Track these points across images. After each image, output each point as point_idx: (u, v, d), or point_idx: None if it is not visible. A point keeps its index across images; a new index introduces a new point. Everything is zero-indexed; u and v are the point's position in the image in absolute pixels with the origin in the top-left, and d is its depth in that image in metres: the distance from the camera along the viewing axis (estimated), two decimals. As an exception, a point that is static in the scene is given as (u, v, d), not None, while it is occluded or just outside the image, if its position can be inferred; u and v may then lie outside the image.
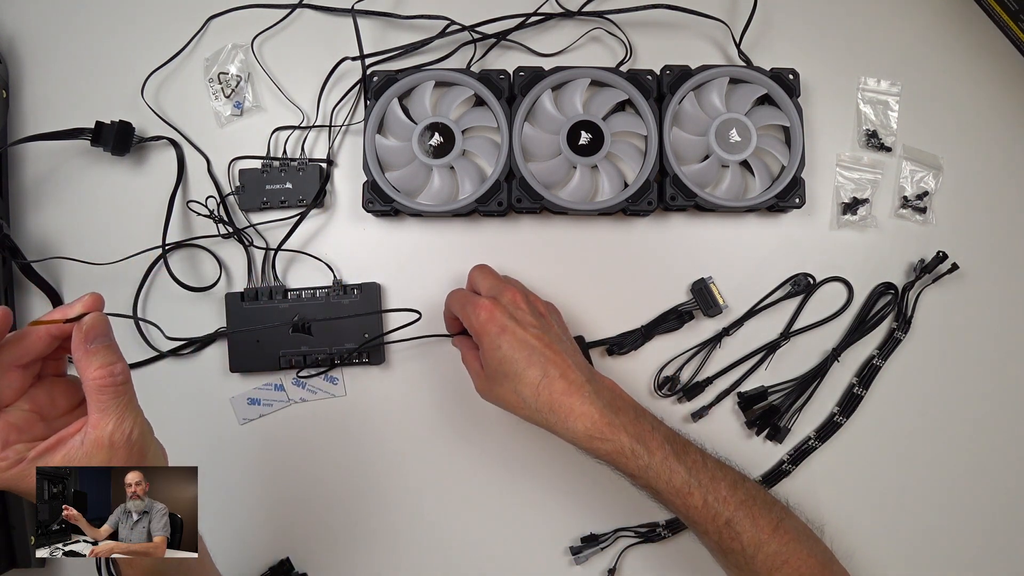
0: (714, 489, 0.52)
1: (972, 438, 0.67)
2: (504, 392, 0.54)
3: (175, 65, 0.68)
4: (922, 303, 0.67)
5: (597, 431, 0.52)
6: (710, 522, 0.52)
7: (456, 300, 0.58)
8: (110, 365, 0.40)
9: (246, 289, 0.65)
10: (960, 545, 0.66)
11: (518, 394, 0.53)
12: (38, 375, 0.44)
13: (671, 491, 0.52)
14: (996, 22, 0.70)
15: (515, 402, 0.54)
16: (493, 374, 0.54)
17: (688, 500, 0.52)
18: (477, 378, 0.57)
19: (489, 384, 0.55)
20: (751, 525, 0.52)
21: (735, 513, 0.52)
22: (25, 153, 0.67)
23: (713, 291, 0.66)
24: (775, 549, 0.51)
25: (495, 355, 0.53)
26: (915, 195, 0.68)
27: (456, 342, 0.61)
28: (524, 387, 0.53)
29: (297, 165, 0.66)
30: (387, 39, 0.68)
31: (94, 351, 0.40)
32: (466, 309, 0.55)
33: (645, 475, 0.52)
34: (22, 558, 0.61)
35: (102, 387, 0.40)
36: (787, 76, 0.65)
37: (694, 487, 0.52)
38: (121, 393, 0.40)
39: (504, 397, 0.54)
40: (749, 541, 0.51)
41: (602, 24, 0.69)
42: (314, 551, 0.65)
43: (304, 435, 0.66)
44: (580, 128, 0.64)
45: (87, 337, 0.40)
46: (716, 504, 0.52)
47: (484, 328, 0.54)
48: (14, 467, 0.40)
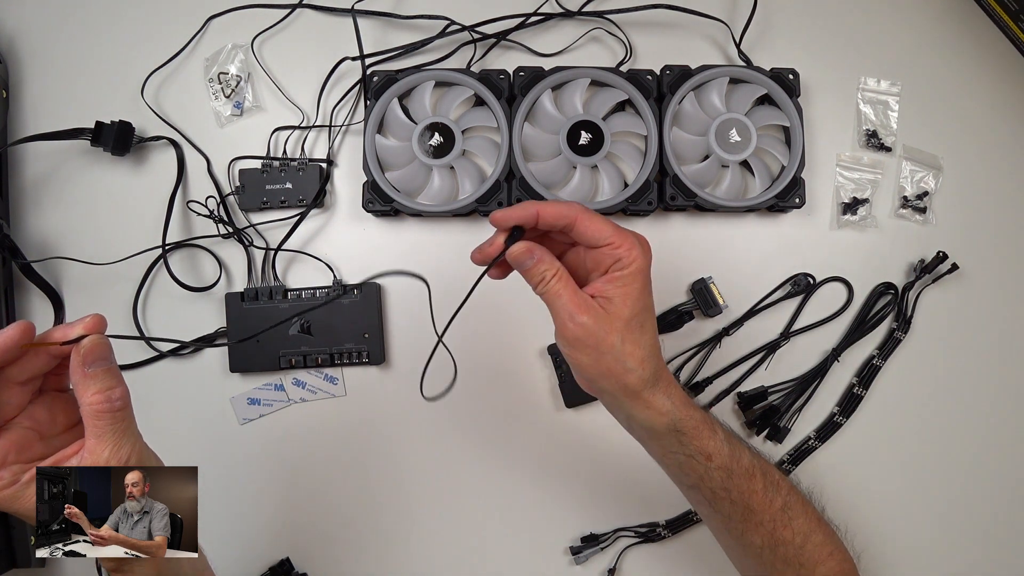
0: (769, 472, 0.49)
1: (972, 438, 0.67)
2: (633, 346, 0.44)
3: (175, 65, 0.68)
4: (922, 303, 0.67)
5: (683, 404, 0.47)
6: (767, 509, 0.48)
7: (604, 219, 0.45)
8: (108, 390, 0.39)
9: (246, 289, 0.65)
10: (960, 544, 0.66)
11: (648, 351, 0.45)
12: (39, 390, 0.43)
13: (741, 472, 0.48)
14: (996, 22, 0.70)
15: (639, 359, 0.44)
16: (633, 319, 0.44)
17: (752, 483, 0.48)
18: (597, 321, 0.44)
19: (618, 331, 0.44)
20: (802, 511, 0.50)
21: (788, 497, 0.49)
22: (25, 153, 0.67)
23: (713, 291, 0.66)
24: (821, 539, 0.50)
25: (645, 300, 0.45)
26: (915, 195, 0.68)
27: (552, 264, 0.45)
28: (655, 343, 0.46)
29: (297, 165, 0.66)
30: (387, 39, 0.68)
31: (92, 375, 0.39)
32: (625, 233, 0.45)
33: (722, 453, 0.47)
34: (22, 558, 0.61)
35: (99, 412, 0.39)
36: (787, 76, 0.65)
37: (756, 469, 0.48)
38: (119, 419, 0.39)
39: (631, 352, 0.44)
40: (799, 528, 0.49)
41: (602, 24, 0.69)
42: (314, 551, 0.65)
43: (304, 435, 0.66)
44: (580, 128, 0.64)
45: (85, 360, 0.39)
46: (772, 489, 0.49)
47: (648, 264, 0.45)
48: (9, 488, 0.39)
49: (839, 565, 0.51)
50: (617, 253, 0.44)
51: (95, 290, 0.66)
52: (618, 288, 0.44)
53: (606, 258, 0.45)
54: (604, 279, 0.45)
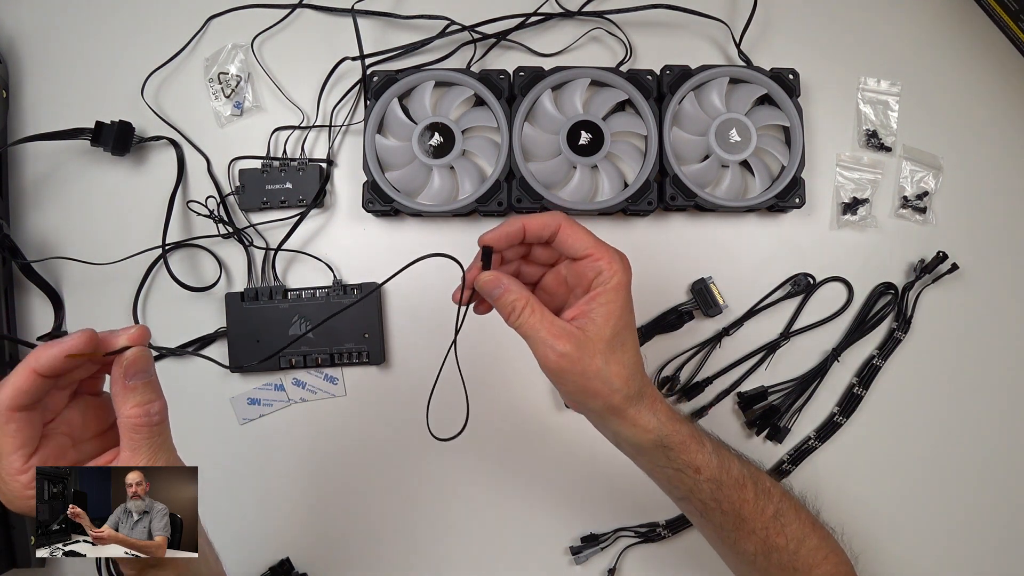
0: (760, 480, 0.49)
1: (972, 437, 0.67)
2: (616, 366, 0.44)
3: (175, 65, 0.68)
4: (922, 303, 0.67)
5: (668, 419, 0.47)
6: (758, 517, 0.49)
7: (586, 230, 0.46)
8: (147, 404, 0.39)
9: (246, 289, 0.65)
10: (961, 544, 0.66)
11: (630, 369, 0.45)
12: (74, 392, 0.43)
13: (731, 482, 0.48)
14: (996, 22, 0.70)
15: (623, 378, 0.45)
16: (614, 338, 0.44)
17: (743, 492, 0.48)
18: (577, 346, 0.44)
19: (600, 353, 0.44)
20: (795, 517, 0.50)
21: (780, 504, 0.50)
22: (25, 153, 0.67)
23: (713, 291, 0.66)
24: (816, 543, 0.50)
25: (627, 316, 0.45)
26: (915, 195, 0.68)
27: (521, 295, 0.45)
28: (637, 361, 0.46)
29: (297, 165, 0.66)
30: (387, 39, 0.68)
31: (132, 388, 0.39)
32: (606, 247, 0.45)
33: (710, 465, 0.47)
34: (22, 558, 0.61)
35: (136, 426, 0.39)
36: (787, 76, 0.65)
37: (746, 478, 0.48)
38: (155, 434, 0.39)
39: (615, 372, 0.44)
40: (793, 534, 0.49)
41: (602, 24, 0.69)
42: (314, 551, 0.65)
43: (304, 435, 0.66)
44: (580, 128, 0.64)
45: (127, 373, 0.39)
46: (763, 497, 0.49)
47: (629, 279, 0.45)
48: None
49: (835, 568, 0.51)
50: (598, 265, 0.45)
51: (95, 290, 0.66)
52: (600, 305, 0.44)
53: (588, 271, 0.45)
54: (585, 299, 0.45)
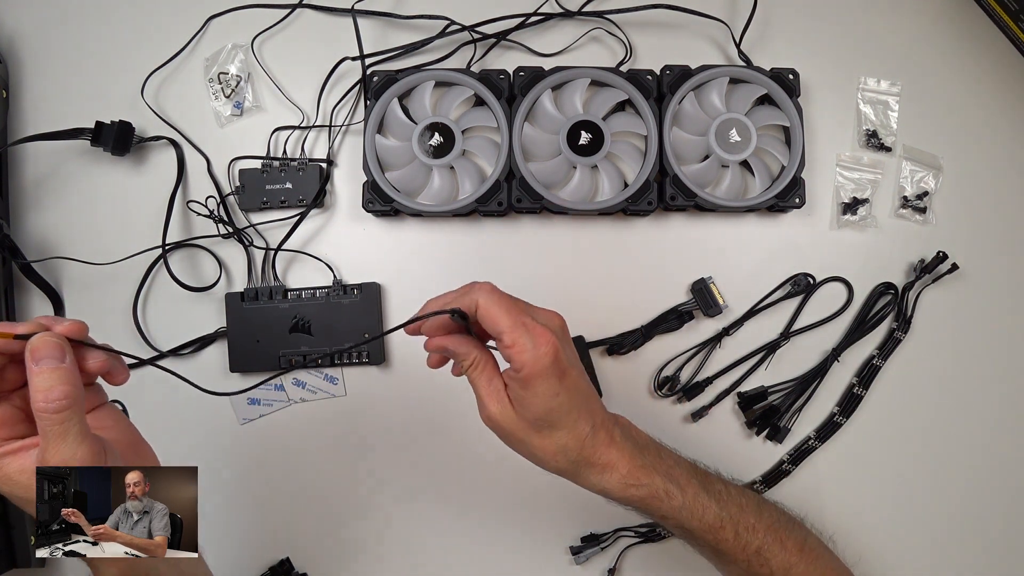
0: (743, 519, 0.50)
1: (972, 437, 0.67)
2: (542, 443, 0.45)
3: (175, 65, 0.68)
4: (922, 303, 0.67)
5: (632, 478, 0.47)
6: (740, 552, 0.50)
7: (505, 309, 0.43)
8: (47, 390, 0.38)
9: (246, 289, 0.65)
10: (961, 544, 0.66)
11: (560, 447, 0.45)
12: None
13: (704, 528, 0.49)
14: (996, 22, 0.70)
15: (550, 453, 0.46)
16: (537, 421, 0.45)
17: (720, 535, 0.49)
18: (503, 416, 0.45)
19: (523, 430, 0.45)
20: (780, 549, 0.51)
21: (764, 540, 0.50)
22: (25, 153, 0.67)
23: (713, 291, 0.66)
24: (803, 570, 0.51)
25: (549, 403, 0.44)
26: (915, 195, 0.68)
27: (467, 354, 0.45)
28: (571, 440, 0.45)
29: (297, 165, 0.66)
30: (387, 39, 0.68)
31: (37, 372, 0.39)
32: (521, 332, 0.43)
33: (679, 516, 0.49)
34: (22, 558, 0.61)
35: (38, 411, 0.39)
36: (787, 76, 0.65)
37: (725, 520, 0.49)
38: (56, 422, 0.38)
39: (540, 447, 0.46)
40: (778, 566, 0.50)
41: (602, 24, 0.69)
42: (314, 551, 0.65)
43: (304, 435, 0.66)
44: (580, 128, 0.64)
45: (32, 357, 0.39)
46: (746, 534, 0.50)
47: (544, 369, 0.43)
48: None
49: None
50: (507, 354, 0.43)
51: (95, 290, 0.66)
52: (518, 391, 0.44)
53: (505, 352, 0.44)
54: (508, 374, 0.45)
